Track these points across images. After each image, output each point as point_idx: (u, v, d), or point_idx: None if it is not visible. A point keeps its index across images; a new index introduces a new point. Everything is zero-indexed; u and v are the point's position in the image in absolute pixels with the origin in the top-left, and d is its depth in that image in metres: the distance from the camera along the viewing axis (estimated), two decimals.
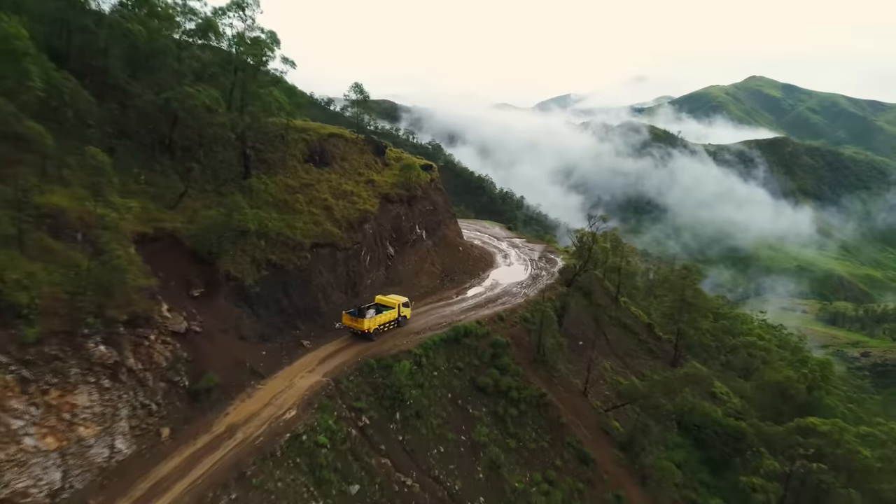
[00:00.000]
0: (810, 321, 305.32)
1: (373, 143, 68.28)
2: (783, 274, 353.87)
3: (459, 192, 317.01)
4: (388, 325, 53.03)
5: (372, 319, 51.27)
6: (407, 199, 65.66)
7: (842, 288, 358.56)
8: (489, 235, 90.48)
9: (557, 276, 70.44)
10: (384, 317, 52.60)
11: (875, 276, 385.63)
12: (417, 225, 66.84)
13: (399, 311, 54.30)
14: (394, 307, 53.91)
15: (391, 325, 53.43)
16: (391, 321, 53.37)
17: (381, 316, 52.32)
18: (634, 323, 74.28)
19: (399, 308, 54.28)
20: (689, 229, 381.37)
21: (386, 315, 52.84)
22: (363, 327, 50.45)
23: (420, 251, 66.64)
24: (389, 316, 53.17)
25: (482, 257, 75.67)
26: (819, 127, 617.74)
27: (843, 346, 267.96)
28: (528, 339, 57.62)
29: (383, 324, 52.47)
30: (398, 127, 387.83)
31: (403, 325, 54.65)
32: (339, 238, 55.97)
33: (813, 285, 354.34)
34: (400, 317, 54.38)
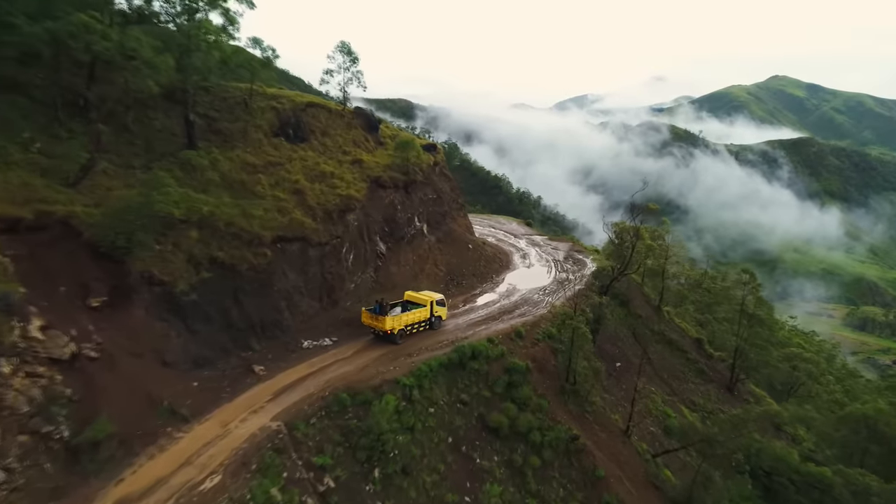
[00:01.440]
0: (838, 326, 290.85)
1: (363, 116, 55.15)
2: (809, 277, 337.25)
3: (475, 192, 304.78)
4: (417, 325, 43.78)
5: (397, 318, 41.99)
6: (404, 185, 52.42)
7: (869, 292, 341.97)
8: (505, 232, 76.89)
9: (588, 280, 56.80)
10: (412, 316, 43.32)
11: None
12: (417, 216, 53.64)
13: (432, 311, 44.67)
14: (425, 304, 44.26)
15: (422, 326, 44.18)
16: (422, 321, 44.10)
17: (408, 315, 43.01)
18: (681, 338, 60.37)
19: (432, 306, 44.64)
20: (712, 231, 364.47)
21: (415, 314, 43.51)
22: (385, 327, 41.03)
23: (420, 249, 53.42)
24: (419, 315, 43.83)
25: (496, 257, 62.19)
26: (844, 127, 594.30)
27: (874, 352, 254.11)
28: (555, 363, 44.18)
29: (411, 324, 43.27)
30: (414, 126, 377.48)
31: (437, 328, 44.97)
32: (311, 230, 43.00)
33: (840, 289, 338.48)
34: (433, 317, 44.75)
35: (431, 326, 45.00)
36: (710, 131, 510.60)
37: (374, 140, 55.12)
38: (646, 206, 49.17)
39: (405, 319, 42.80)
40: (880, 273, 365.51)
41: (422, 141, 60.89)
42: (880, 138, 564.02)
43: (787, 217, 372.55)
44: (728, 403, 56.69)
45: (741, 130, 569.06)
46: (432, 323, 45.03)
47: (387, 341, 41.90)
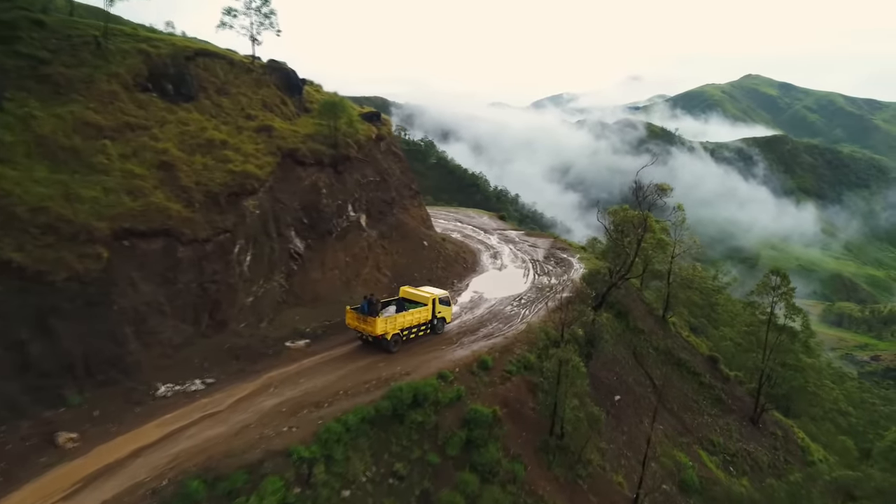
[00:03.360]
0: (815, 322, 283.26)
1: (280, 72, 41.10)
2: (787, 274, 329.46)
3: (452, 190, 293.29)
4: (415, 329, 34.32)
5: (390, 319, 32.64)
6: (332, 162, 38.51)
7: (844, 288, 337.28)
8: (474, 227, 63.12)
9: (576, 286, 43.41)
10: (410, 317, 33.83)
11: (878, 276, 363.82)
12: (352, 204, 39.78)
13: (434, 311, 35.30)
14: (426, 303, 34.99)
15: (421, 329, 34.77)
16: (422, 324, 34.66)
17: (404, 316, 33.55)
18: (692, 358, 47.36)
19: (434, 305, 35.27)
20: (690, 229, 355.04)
21: (413, 314, 34.03)
22: (375, 331, 31.72)
23: (355, 247, 39.59)
24: (418, 316, 34.36)
25: (460, 257, 48.56)
26: (816, 125, 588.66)
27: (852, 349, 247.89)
28: (534, 406, 30.78)
29: (409, 328, 33.82)
30: None
31: (440, 331, 35.70)
32: (183, 221, 29.09)
33: (817, 285, 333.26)
34: (435, 318, 35.46)
35: (433, 330, 35.47)
36: (685, 129, 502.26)
37: (296, 104, 41.14)
38: (657, 185, 36.02)
39: (401, 321, 33.20)
40: (855, 269, 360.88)
41: (360, 109, 47.00)
42: (851, 136, 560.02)
43: (764, 214, 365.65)
44: (753, 440, 43.79)
45: (716, 128, 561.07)
46: (434, 326, 35.48)
47: (378, 349, 32.37)
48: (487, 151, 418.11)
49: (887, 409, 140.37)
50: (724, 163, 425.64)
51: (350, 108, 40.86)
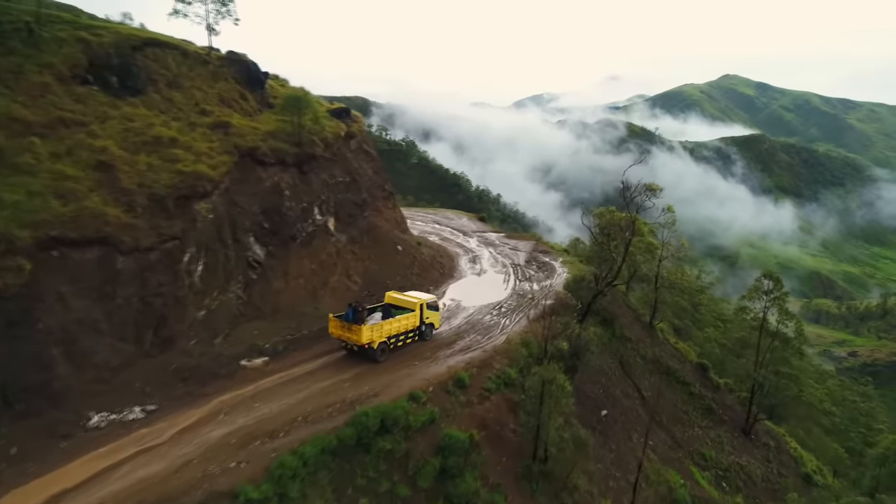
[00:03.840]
0: None
1: (240, 64, 37.81)
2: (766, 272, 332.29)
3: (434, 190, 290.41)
4: (403, 336, 32.57)
5: (376, 327, 30.63)
6: (296, 162, 35.40)
7: (821, 285, 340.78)
8: (452, 229, 60.19)
9: (559, 293, 40.70)
10: (398, 324, 31.95)
11: (853, 273, 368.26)
12: (319, 207, 36.69)
13: (422, 316, 33.46)
14: (413, 309, 33.23)
15: (410, 336, 33.05)
16: (409, 331, 32.91)
17: (391, 322, 31.63)
18: (681, 366, 44.95)
19: (421, 311, 33.41)
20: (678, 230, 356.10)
21: (401, 321, 32.18)
22: (361, 339, 29.69)
23: (322, 253, 36.51)
24: (406, 323, 32.55)
25: (436, 262, 45.66)
26: (792, 124, 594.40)
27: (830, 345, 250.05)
28: (515, 427, 28.05)
29: (396, 335, 31.94)
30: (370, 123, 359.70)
31: (428, 338, 33.96)
32: (123, 228, 25.90)
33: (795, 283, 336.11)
34: (423, 324, 33.66)
35: (422, 337, 33.78)
36: (664, 129, 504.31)
37: (258, 99, 37.95)
38: (645, 185, 33.51)
39: (388, 329, 31.35)
40: (832, 266, 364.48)
41: (328, 105, 43.69)
42: (826, 135, 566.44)
43: (743, 213, 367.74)
44: (745, 452, 41.48)
45: (694, 128, 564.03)
46: (422, 332, 33.74)
47: (365, 359, 30.33)
48: (469, 151, 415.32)
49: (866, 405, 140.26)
50: (703, 162, 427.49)
51: (315, 104, 37.67)
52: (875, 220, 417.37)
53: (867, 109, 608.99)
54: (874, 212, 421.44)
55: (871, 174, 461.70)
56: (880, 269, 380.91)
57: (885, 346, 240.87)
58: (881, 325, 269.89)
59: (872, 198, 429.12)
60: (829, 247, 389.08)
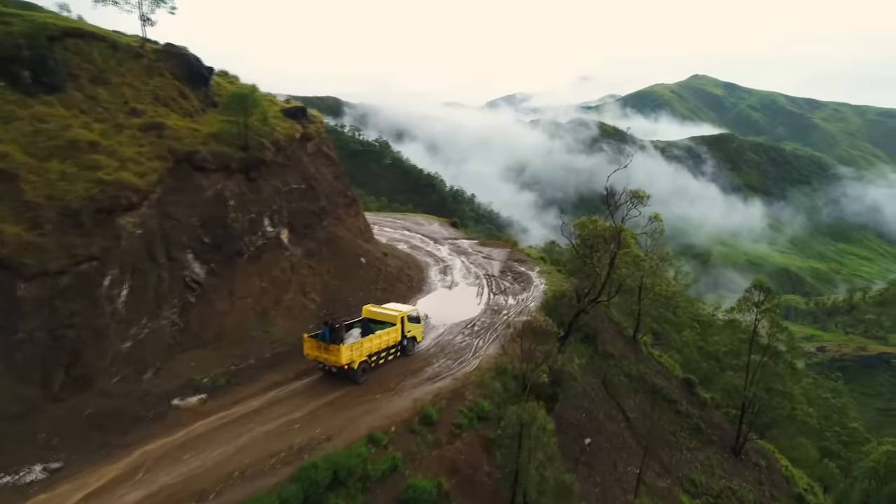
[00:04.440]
0: None
1: (179, 58, 33.58)
2: (737, 269, 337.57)
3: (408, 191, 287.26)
4: (385, 353, 29.93)
5: (356, 345, 27.83)
6: (242, 167, 31.39)
7: (790, 281, 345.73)
8: (423, 237, 56.38)
9: (537, 308, 37.30)
10: (378, 340, 29.24)
11: (820, 269, 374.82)
12: (269, 217, 32.75)
13: (403, 330, 30.78)
14: (394, 322, 30.52)
15: (391, 353, 30.41)
16: (390, 347, 30.21)
17: (372, 339, 28.90)
18: (667, 382, 41.98)
19: (403, 324, 30.75)
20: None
21: (382, 337, 29.50)
22: (340, 360, 26.89)
23: (274, 268, 32.60)
24: (387, 339, 29.84)
25: (404, 274, 41.95)
26: (759, 124, 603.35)
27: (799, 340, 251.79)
28: (490, 471, 24.55)
29: (377, 352, 29.28)
30: (342, 123, 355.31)
31: (410, 353, 31.42)
32: (22, 248, 21.77)
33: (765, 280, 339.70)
34: (405, 339, 31.04)
35: (404, 352, 31.12)
36: (636, 128, 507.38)
37: (202, 97, 33.84)
38: (632, 192, 30.39)
39: (368, 346, 28.56)
40: (800, 263, 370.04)
41: (281, 105, 39.54)
42: (792, 134, 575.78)
43: (714, 211, 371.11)
44: (737, 475, 38.62)
45: (665, 127, 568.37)
46: (404, 347, 31.11)
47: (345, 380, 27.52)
48: (443, 151, 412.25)
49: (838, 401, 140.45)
50: (674, 161, 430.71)
51: (264, 102, 33.62)
52: (840, 217, 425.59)
53: (831, 109, 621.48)
54: (839, 209, 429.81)
55: (836, 172, 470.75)
56: (846, 265, 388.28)
57: (852, 341, 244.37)
58: (848, 321, 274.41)
59: (838, 195, 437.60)
60: (797, 244, 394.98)
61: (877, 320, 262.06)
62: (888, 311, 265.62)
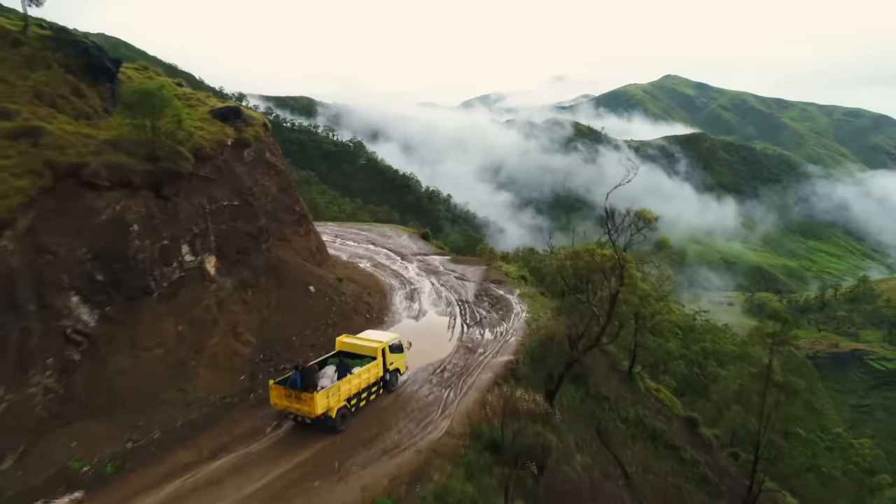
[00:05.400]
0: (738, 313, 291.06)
1: (74, 47, 26.86)
2: (712, 267, 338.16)
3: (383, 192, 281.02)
4: (366, 393, 24.92)
5: (332, 391, 22.84)
6: (151, 183, 24.81)
7: (763, 279, 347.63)
8: (389, 251, 49.78)
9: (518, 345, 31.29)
10: (357, 380, 24.34)
11: (792, 267, 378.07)
12: (189, 244, 26.19)
13: (385, 363, 26.07)
14: (374, 355, 25.77)
15: (373, 391, 25.47)
16: (373, 384, 25.36)
17: (349, 380, 23.92)
18: (668, 424, 36.37)
19: (384, 356, 26.00)
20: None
21: (361, 375, 24.59)
22: (314, 410, 21.97)
23: (195, 307, 26.09)
24: (367, 377, 24.92)
25: (363, 302, 35.59)
26: (730, 123, 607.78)
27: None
28: None
29: (358, 393, 24.32)
30: (316, 124, 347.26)
31: (394, 388, 26.73)
32: None
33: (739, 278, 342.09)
34: (387, 373, 26.30)
35: (386, 387, 26.60)
36: (610, 128, 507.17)
37: (105, 96, 27.20)
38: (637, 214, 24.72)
39: (346, 389, 23.84)
40: (772, 260, 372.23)
41: (214, 102, 32.84)
42: (761, 134, 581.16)
43: (688, 210, 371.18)
44: None
45: (638, 127, 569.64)
46: (387, 382, 26.58)
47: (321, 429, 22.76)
48: (418, 151, 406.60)
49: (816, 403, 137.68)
50: (648, 160, 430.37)
51: (175, 101, 26.81)
52: (810, 215, 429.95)
53: (799, 109, 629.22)
54: (809, 207, 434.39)
55: (804, 171, 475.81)
56: (816, 262, 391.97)
57: (824, 338, 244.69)
58: (820, 318, 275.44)
59: (807, 193, 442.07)
60: (770, 242, 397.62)
61: (848, 317, 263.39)
62: (859, 307, 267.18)
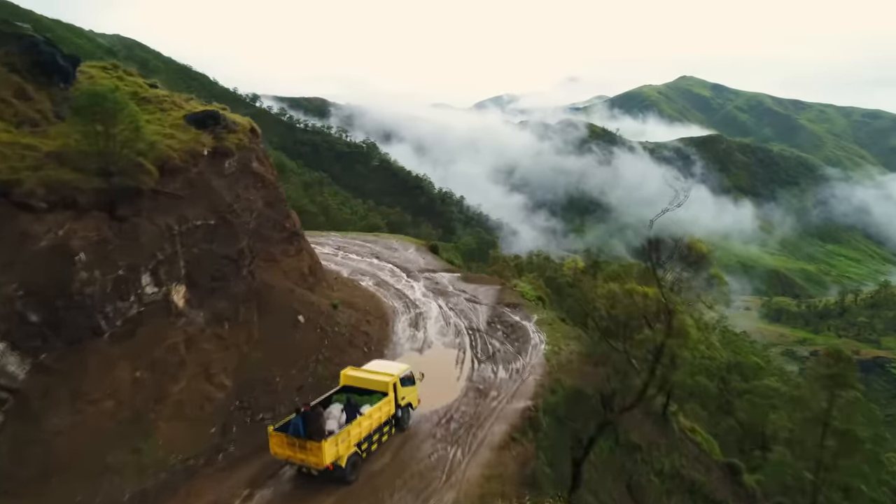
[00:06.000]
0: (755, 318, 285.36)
1: (21, 42, 22.72)
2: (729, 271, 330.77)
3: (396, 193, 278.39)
4: (377, 434, 21.13)
5: (341, 436, 18.88)
6: (103, 202, 20.81)
7: (780, 284, 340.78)
8: (394, 267, 45.20)
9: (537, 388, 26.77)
10: (367, 421, 20.51)
11: (810, 271, 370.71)
12: (152, 273, 22.13)
13: (396, 398, 22.22)
14: (385, 390, 21.99)
15: (385, 432, 21.66)
16: (384, 424, 21.54)
17: (359, 423, 20.02)
18: (706, 475, 31.69)
19: (395, 390, 22.18)
20: (633, 228, 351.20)
21: (372, 416, 20.78)
22: (323, 461, 17.97)
23: (157, 348, 22.05)
24: (378, 416, 21.13)
25: (359, 332, 31.30)
26: (747, 125, 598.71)
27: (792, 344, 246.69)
28: None
29: (369, 435, 20.54)
30: (329, 125, 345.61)
31: (406, 425, 22.99)
32: None
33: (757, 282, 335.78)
34: (399, 408, 22.45)
35: (398, 424, 22.87)
36: (624, 129, 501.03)
37: (57, 100, 23.21)
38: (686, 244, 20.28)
39: (356, 433, 19.96)
40: (790, 264, 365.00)
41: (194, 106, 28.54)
42: (778, 135, 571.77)
43: (704, 213, 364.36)
44: None
45: (653, 128, 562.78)
46: (399, 420, 22.85)
47: None
48: (430, 152, 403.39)
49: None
50: (663, 162, 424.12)
51: (132, 105, 22.46)
52: (829, 218, 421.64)
53: (817, 110, 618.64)
54: (828, 210, 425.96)
55: (823, 173, 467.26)
56: (835, 267, 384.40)
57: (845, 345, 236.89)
58: (840, 324, 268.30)
59: (826, 196, 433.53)
60: (787, 245, 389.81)
61: (869, 323, 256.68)
62: (880, 313, 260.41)
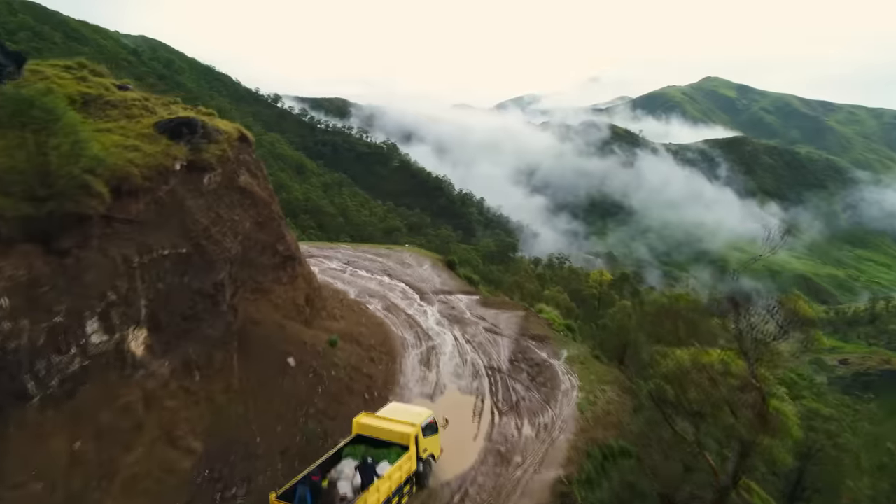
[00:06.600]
0: None
1: None
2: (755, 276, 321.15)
3: (416, 194, 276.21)
4: (397, 497, 16.74)
5: None
6: (38, 232, 16.67)
7: (808, 289, 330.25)
8: (406, 287, 40.34)
9: (570, 442, 22.20)
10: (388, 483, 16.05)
11: (839, 276, 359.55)
12: (101, 317, 18.02)
13: (418, 451, 18.11)
14: (406, 443, 17.85)
15: (404, 491, 17.25)
16: (405, 483, 17.23)
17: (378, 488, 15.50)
18: None
19: (416, 441, 18.02)
20: (657, 231, 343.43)
21: (393, 475, 16.46)
22: None
23: (108, 409, 17.86)
24: (399, 475, 16.81)
25: (361, 374, 26.68)
26: (773, 126, 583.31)
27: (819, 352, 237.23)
28: None
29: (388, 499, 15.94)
30: (349, 125, 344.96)
31: (427, 483, 19.06)
32: None
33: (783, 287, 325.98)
34: (420, 462, 18.33)
35: (419, 481, 19.08)
36: (647, 130, 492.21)
37: None
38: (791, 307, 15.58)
39: (375, 499, 15.82)
40: (818, 270, 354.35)
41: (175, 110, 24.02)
42: (806, 137, 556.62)
43: (730, 216, 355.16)
44: None
45: (677, 130, 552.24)
46: (419, 475, 19.02)
47: None
48: (451, 153, 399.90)
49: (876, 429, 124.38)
50: (687, 164, 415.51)
51: (71, 113, 18.08)
52: (858, 222, 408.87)
53: (846, 112, 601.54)
54: (857, 214, 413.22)
55: (852, 176, 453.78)
56: (864, 272, 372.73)
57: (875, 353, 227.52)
58: (870, 331, 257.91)
59: (855, 200, 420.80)
60: (815, 250, 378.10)
61: None
62: None
